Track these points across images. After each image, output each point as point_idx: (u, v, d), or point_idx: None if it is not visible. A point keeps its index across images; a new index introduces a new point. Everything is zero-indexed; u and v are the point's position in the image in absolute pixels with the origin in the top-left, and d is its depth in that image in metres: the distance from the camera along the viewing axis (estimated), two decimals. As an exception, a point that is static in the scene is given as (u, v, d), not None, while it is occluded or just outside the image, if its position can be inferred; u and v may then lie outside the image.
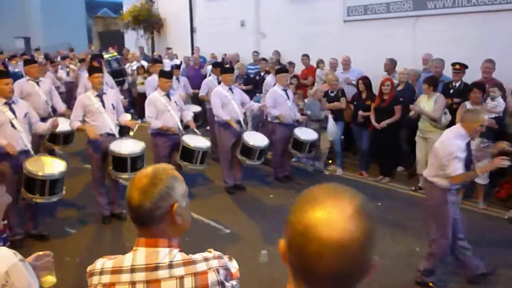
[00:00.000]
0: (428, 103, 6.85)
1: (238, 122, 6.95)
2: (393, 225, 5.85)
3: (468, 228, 5.81)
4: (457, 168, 4.05)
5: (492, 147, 6.20)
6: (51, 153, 7.37)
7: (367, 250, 0.94)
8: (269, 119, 7.60)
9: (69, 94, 10.69)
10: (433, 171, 4.35)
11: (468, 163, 4.29)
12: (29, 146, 5.08)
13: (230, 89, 7.01)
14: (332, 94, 8.29)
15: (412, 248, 5.26)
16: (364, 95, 7.88)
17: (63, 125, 6.71)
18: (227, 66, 8.62)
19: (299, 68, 10.40)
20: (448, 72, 7.40)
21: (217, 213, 6.23)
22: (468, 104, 6.37)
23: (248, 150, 6.74)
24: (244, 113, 7.60)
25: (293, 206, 0.99)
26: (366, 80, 7.88)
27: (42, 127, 5.44)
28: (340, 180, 7.87)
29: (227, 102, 6.93)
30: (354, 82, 8.66)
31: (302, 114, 7.87)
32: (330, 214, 0.92)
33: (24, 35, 29.90)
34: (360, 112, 7.76)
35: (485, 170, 4.41)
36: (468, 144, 4.24)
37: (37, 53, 17.25)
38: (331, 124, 7.80)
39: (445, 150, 4.12)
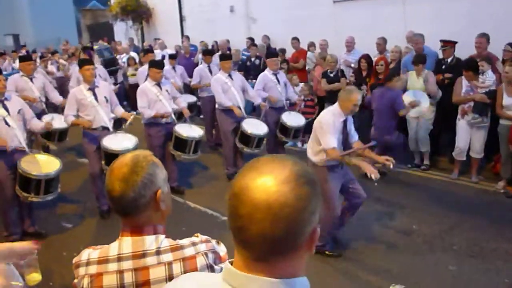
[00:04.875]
0: (418, 81, 6.83)
1: (239, 108, 6.89)
2: (390, 205, 5.87)
3: (465, 203, 5.90)
4: (330, 142, 4.21)
5: (486, 122, 6.16)
6: (45, 149, 7.35)
7: (302, 215, 0.93)
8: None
9: (60, 89, 10.58)
10: (311, 149, 4.48)
11: (344, 143, 4.46)
12: (24, 144, 5.01)
13: (230, 75, 6.99)
14: (332, 75, 8.20)
15: (410, 226, 5.27)
16: (364, 74, 7.79)
17: (58, 122, 6.66)
18: (227, 53, 8.49)
19: (290, 52, 10.34)
20: (436, 48, 7.39)
21: (213, 201, 6.21)
22: (463, 80, 6.27)
23: (246, 138, 6.72)
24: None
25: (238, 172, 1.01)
26: (368, 59, 7.79)
27: (38, 126, 5.35)
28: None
29: (227, 88, 6.89)
30: (353, 65, 8.60)
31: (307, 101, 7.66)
32: (265, 178, 0.93)
33: (13, 32, 29.64)
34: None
35: (358, 164, 4.25)
36: (344, 123, 4.36)
37: (24, 49, 17.12)
38: None
39: (321, 126, 4.29)
